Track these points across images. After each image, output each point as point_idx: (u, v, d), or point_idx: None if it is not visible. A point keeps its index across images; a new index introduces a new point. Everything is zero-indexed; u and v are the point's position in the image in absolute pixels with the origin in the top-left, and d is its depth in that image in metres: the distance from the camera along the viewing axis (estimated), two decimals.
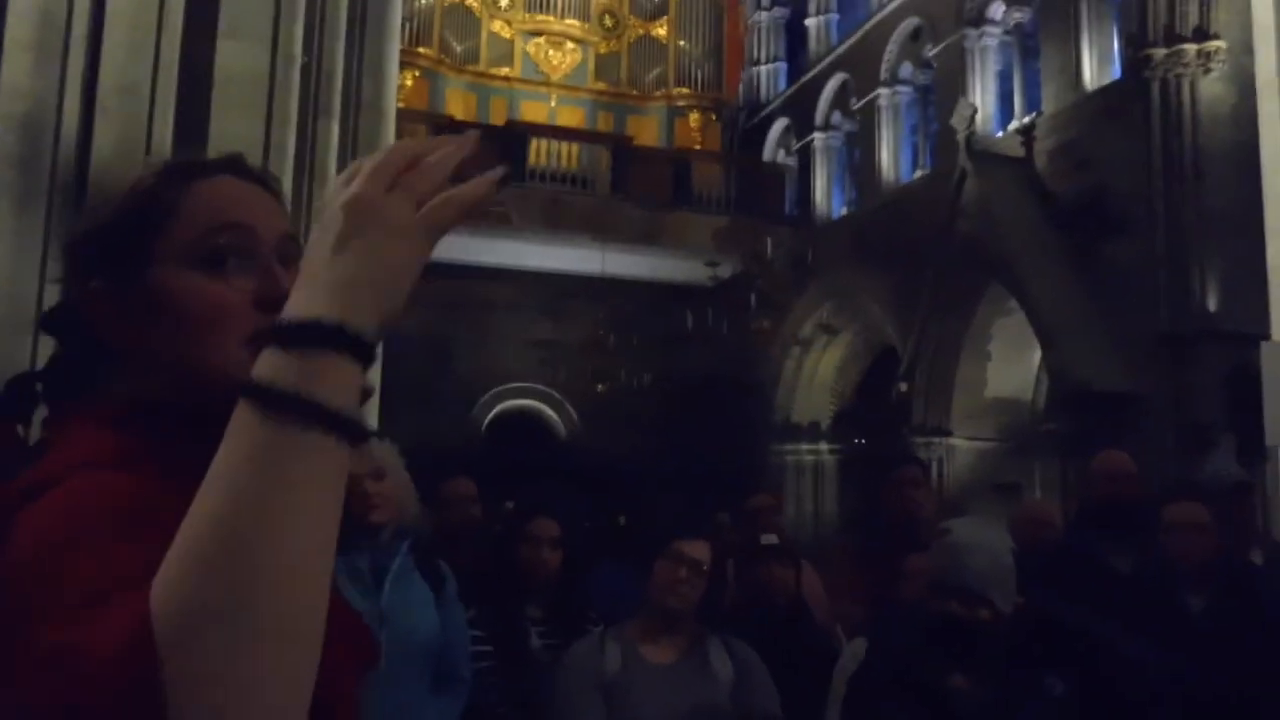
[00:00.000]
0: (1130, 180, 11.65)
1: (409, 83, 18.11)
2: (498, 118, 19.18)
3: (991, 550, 2.31)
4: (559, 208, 17.93)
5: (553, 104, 20.04)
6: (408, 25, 17.62)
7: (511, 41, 19.96)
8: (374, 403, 6.28)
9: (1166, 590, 3.11)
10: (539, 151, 18.26)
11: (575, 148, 18.63)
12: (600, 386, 16.55)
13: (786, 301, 16.97)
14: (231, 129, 5.36)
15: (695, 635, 2.84)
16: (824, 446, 18.35)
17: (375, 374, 6.44)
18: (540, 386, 19.06)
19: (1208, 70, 11.47)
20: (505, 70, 19.91)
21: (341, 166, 6.19)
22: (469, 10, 19.65)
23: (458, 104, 19.21)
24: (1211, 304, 10.95)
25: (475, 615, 3.06)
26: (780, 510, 4.96)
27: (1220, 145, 11.11)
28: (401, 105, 15.00)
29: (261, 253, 0.87)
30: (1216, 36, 11.43)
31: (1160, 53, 11.55)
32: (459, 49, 19.49)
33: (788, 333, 17.55)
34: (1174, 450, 10.75)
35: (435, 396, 17.26)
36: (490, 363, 18.66)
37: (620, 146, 19.07)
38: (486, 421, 18.96)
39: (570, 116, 19.93)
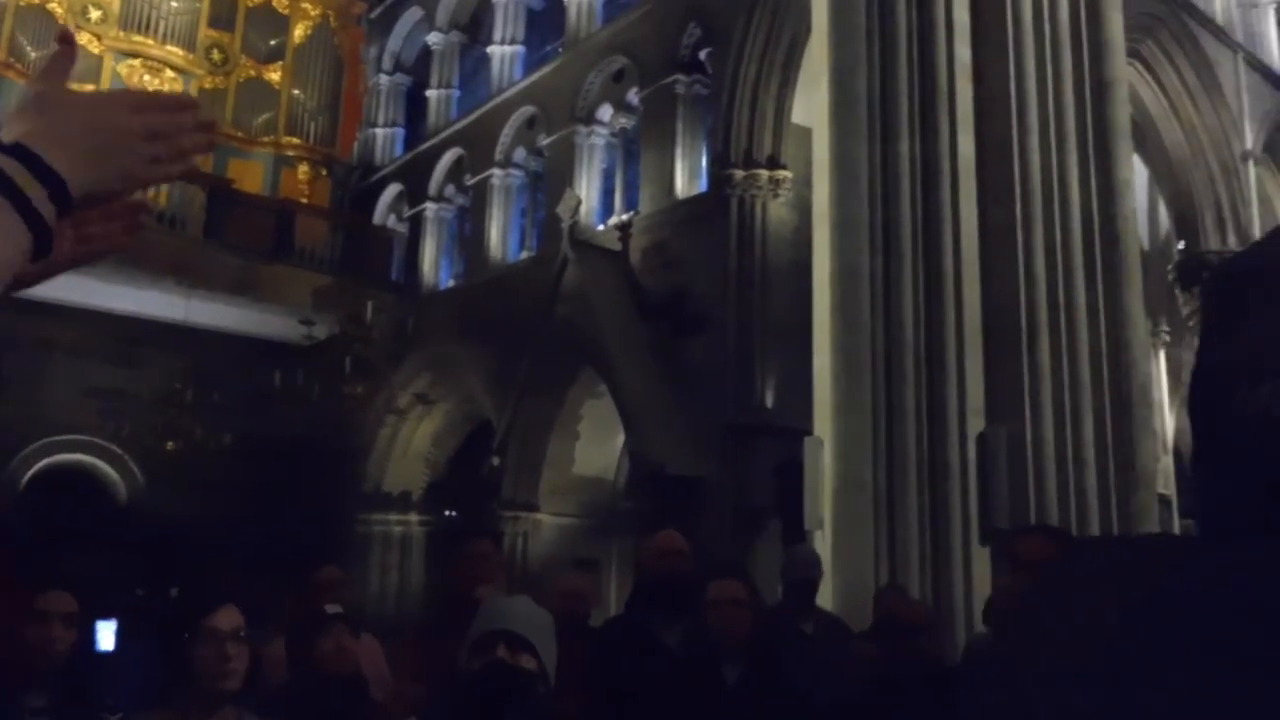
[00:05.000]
0: (710, 284, 12.85)
1: None
2: None
3: (532, 606, 2.33)
4: (140, 245, 16.33)
5: None
6: None
7: (101, 58, 18.12)
8: None
9: (707, 661, 3.33)
10: None
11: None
12: (170, 444, 15.11)
13: (384, 368, 16.63)
14: None
15: (234, 718, 2.58)
16: (414, 518, 18.03)
17: None
18: (99, 440, 17.00)
19: (777, 195, 13.03)
20: (89, 87, 17.97)
21: None
22: (49, 15, 17.61)
23: None
24: (769, 400, 12.25)
25: None
26: (348, 584, 4.73)
27: (783, 262, 12.60)
28: None
29: None
30: (785, 166, 13.04)
31: (739, 174, 12.96)
32: (33, 55, 17.35)
33: (384, 400, 17.17)
34: (733, 530, 11.79)
35: None
36: (40, 410, 16.37)
37: (217, 188, 17.87)
38: (28, 477, 16.54)
39: None
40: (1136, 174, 11.66)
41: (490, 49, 18.53)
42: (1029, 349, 7.65)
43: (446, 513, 17.35)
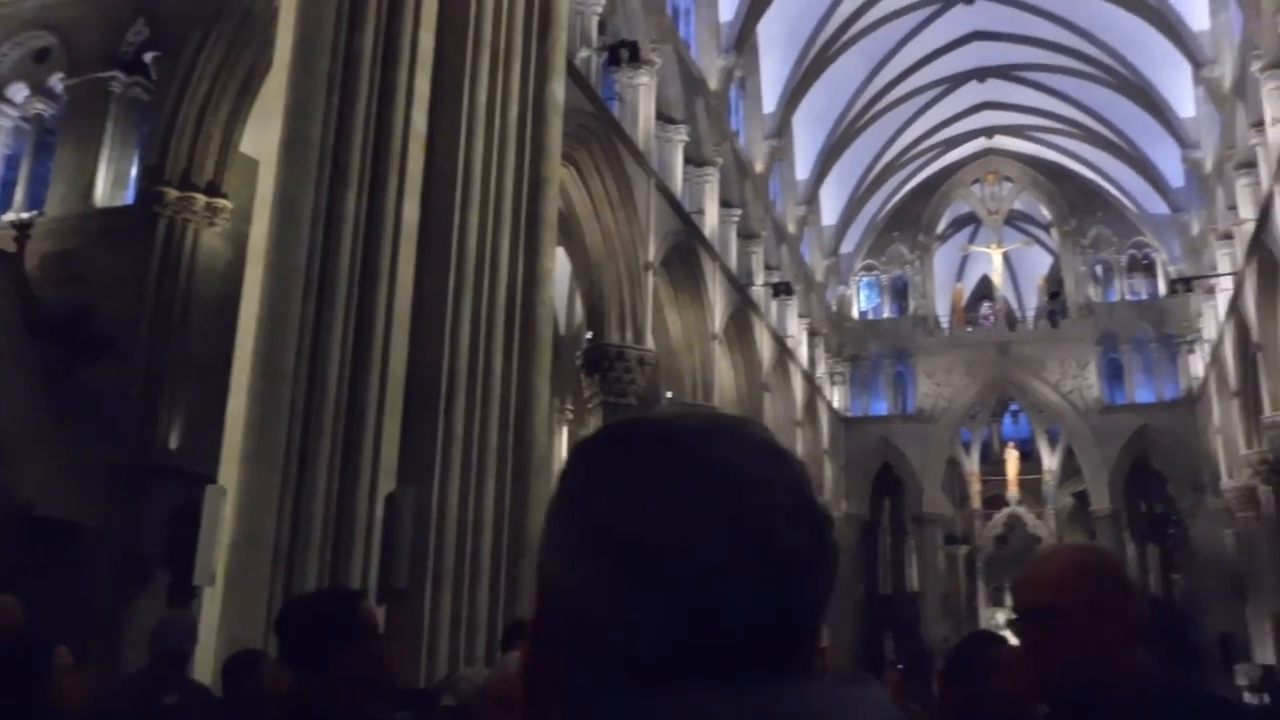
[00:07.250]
0: (121, 306, 11.60)
1: None
2: None
3: None
4: None
5: None
6: None
7: None
8: None
9: None
10: None
11: None
12: None
13: None
14: None
15: None
16: None
17: None
18: None
19: (212, 224, 12.26)
20: None
21: None
22: None
23: None
24: (173, 441, 11.29)
25: None
26: None
27: (209, 295, 11.81)
28: None
29: None
30: (225, 196, 12.34)
31: (174, 194, 12.00)
32: None
33: None
34: (112, 582, 10.58)
35: None
36: None
37: None
38: None
39: None
40: (560, 266, 12.89)
41: None
42: (445, 414, 7.96)
43: None
